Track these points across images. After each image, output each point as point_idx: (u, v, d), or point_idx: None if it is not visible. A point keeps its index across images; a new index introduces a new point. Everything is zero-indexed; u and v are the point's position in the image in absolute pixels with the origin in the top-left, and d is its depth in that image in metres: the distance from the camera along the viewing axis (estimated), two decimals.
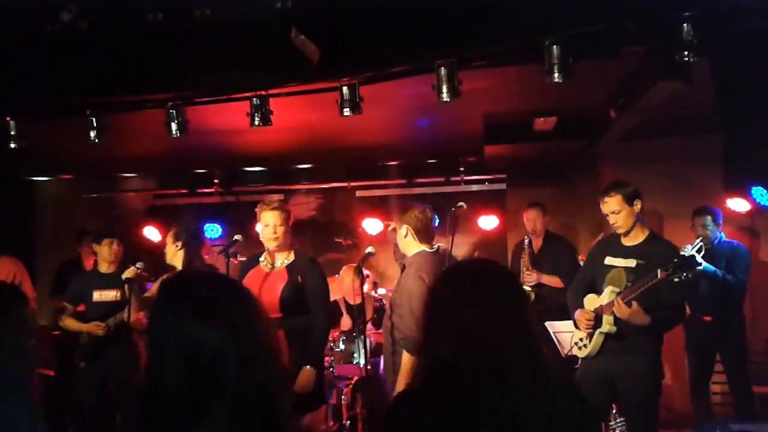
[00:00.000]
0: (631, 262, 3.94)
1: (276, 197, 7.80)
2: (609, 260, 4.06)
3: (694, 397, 5.71)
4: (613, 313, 3.86)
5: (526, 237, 6.21)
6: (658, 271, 3.68)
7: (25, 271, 5.53)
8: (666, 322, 3.95)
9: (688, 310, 5.79)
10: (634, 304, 3.76)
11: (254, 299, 1.53)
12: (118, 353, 5.16)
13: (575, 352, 4.20)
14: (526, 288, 5.89)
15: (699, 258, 5.24)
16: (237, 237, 4.77)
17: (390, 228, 4.49)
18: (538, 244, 6.20)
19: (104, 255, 5.39)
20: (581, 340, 4.13)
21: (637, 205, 3.97)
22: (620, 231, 4.03)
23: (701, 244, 5.26)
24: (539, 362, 1.68)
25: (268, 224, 4.24)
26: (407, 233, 4.15)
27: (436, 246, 4.15)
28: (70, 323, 5.37)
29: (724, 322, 5.49)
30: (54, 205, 8.21)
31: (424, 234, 4.17)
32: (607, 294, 3.96)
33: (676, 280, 3.62)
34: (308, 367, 4.12)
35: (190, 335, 1.42)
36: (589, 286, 4.18)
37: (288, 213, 4.31)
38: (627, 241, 4.03)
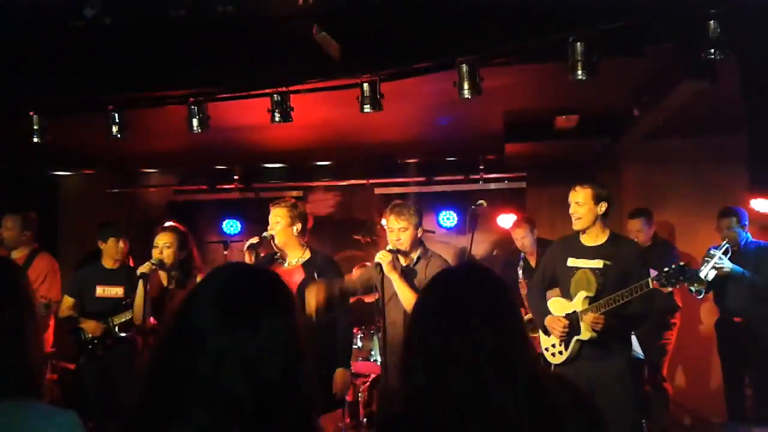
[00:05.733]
0: (598, 263, 3.88)
1: (295, 194, 7.83)
2: (572, 261, 3.98)
3: (727, 400, 5.61)
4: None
5: (519, 264, 6.06)
6: (650, 281, 3.68)
7: (57, 272, 5.45)
8: (634, 322, 3.95)
9: (717, 313, 5.72)
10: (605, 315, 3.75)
11: (286, 298, 1.44)
12: (120, 351, 5.03)
13: (548, 358, 4.08)
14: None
15: (726, 261, 5.14)
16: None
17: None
18: (532, 258, 6.08)
19: (110, 252, 5.30)
20: (553, 346, 4.05)
21: (602, 208, 3.92)
22: (576, 226, 3.98)
23: (728, 245, 5.21)
24: (524, 370, 1.48)
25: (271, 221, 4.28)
26: (421, 233, 4.20)
27: None
28: (68, 314, 5.17)
29: (753, 323, 5.41)
30: (76, 199, 8.29)
31: None
32: (580, 300, 3.89)
33: (670, 289, 3.60)
34: (342, 368, 4.15)
35: (177, 320, 1.38)
36: (548, 287, 4.17)
37: (294, 210, 4.29)
38: (588, 241, 3.97)
